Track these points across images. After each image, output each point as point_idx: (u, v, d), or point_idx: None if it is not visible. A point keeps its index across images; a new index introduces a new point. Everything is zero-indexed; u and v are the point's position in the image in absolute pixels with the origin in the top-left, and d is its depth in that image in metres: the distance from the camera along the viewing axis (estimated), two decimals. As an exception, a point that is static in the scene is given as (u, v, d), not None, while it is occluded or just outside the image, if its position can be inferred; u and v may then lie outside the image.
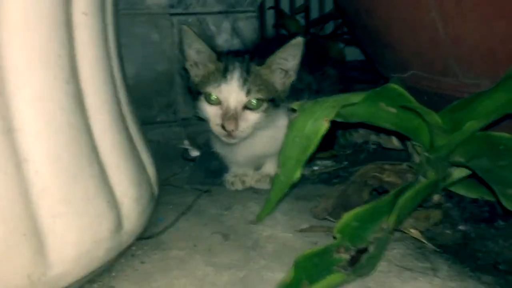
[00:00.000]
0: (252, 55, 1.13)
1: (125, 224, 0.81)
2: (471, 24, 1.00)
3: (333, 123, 0.87)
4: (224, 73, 1.09)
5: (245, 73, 1.08)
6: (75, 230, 0.71)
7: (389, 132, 1.23)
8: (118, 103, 0.85)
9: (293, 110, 0.94)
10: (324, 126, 0.88)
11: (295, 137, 0.91)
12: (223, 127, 1.06)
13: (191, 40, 1.12)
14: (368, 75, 2.05)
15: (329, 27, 2.35)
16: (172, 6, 1.56)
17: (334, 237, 0.81)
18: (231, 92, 1.07)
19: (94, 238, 0.73)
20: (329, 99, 0.90)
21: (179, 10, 1.57)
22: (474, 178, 1.01)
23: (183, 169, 1.42)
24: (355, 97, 0.89)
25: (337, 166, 1.38)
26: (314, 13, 2.36)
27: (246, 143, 1.17)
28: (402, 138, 1.24)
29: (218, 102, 1.08)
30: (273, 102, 1.11)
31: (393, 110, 0.95)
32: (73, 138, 0.72)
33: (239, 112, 1.07)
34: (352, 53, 2.32)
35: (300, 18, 2.31)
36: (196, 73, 1.16)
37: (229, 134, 1.07)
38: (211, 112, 1.10)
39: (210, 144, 1.31)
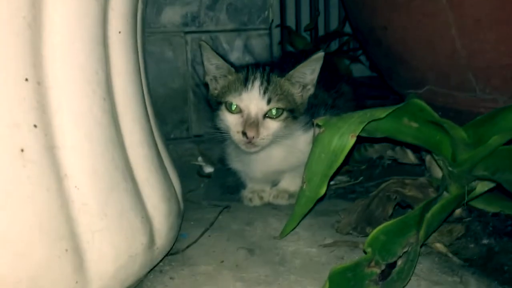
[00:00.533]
0: (272, 67, 1.15)
1: (156, 240, 0.81)
2: (490, 41, 1.02)
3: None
4: (245, 82, 1.11)
5: (266, 83, 1.10)
6: (112, 245, 0.71)
7: (409, 146, 1.24)
8: (147, 118, 0.86)
9: (318, 126, 0.95)
10: (351, 141, 0.89)
11: (320, 153, 0.92)
12: (244, 134, 1.08)
13: (209, 55, 1.15)
14: (376, 91, 2.08)
15: (334, 45, 2.39)
16: (186, 25, 1.58)
17: (364, 251, 0.82)
18: (252, 99, 1.09)
19: (130, 253, 0.74)
20: (354, 114, 0.92)
21: (193, 28, 1.59)
22: (496, 192, 1.03)
23: (198, 186, 1.42)
24: (381, 112, 0.90)
25: (353, 181, 1.38)
26: (320, 31, 2.39)
27: (263, 158, 1.18)
28: (419, 151, 1.26)
29: (239, 111, 1.10)
30: (293, 112, 1.13)
31: (415, 125, 0.96)
32: (109, 153, 0.73)
33: (260, 120, 1.09)
34: (357, 70, 2.35)
35: (306, 36, 2.34)
36: (215, 86, 1.18)
37: (250, 142, 1.08)
38: (232, 120, 1.11)
39: (226, 161, 1.32)
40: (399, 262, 0.83)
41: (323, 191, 0.93)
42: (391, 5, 1.16)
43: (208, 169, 1.54)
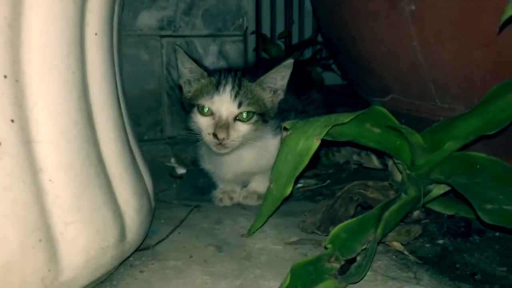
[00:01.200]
0: (244, 73, 1.20)
1: (128, 234, 0.84)
2: (449, 52, 1.08)
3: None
4: (217, 86, 1.16)
5: (237, 87, 1.15)
6: (84, 237, 0.74)
7: (373, 151, 1.30)
8: (121, 117, 0.90)
9: (285, 129, 1.00)
10: (316, 144, 0.94)
11: (287, 154, 0.97)
12: (215, 135, 1.12)
13: (183, 59, 1.20)
14: (346, 99, 2.15)
15: (308, 53, 2.45)
16: (162, 28, 1.61)
17: (326, 248, 0.87)
18: (224, 103, 1.14)
19: (101, 245, 0.77)
20: (320, 118, 0.97)
21: (168, 32, 1.62)
22: (452, 195, 1.09)
23: (170, 186, 1.46)
24: (344, 118, 0.95)
25: (320, 184, 1.44)
26: (294, 39, 2.45)
27: (233, 160, 1.22)
28: (383, 156, 1.32)
29: (210, 113, 1.15)
30: (263, 116, 1.17)
31: (377, 130, 1.02)
32: (83, 149, 0.76)
33: (230, 122, 1.13)
34: (330, 78, 2.42)
35: (281, 43, 2.40)
36: (188, 89, 1.23)
37: (220, 143, 1.13)
38: (203, 122, 1.16)
39: (198, 162, 1.36)
40: (358, 258, 0.88)
41: (289, 190, 0.98)
42: (358, 16, 1.22)
43: (181, 171, 1.58)
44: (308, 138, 0.95)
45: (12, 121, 0.67)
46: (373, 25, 1.21)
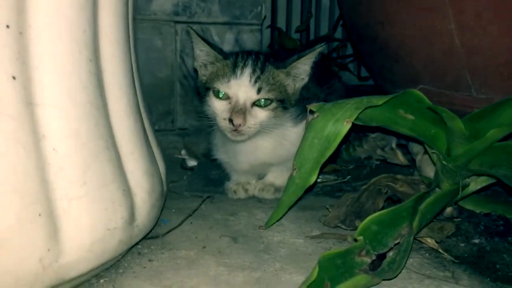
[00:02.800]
0: (267, 57, 1.12)
1: (137, 217, 0.76)
2: (490, 37, 1.00)
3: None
4: (233, 69, 1.07)
5: (259, 71, 1.07)
6: (90, 216, 0.66)
7: (407, 138, 1.21)
8: (134, 90, 0.82)
9: (311, 112, 0.92)
10: (346, 127, 0.86)
11: (313, 139, 0.89)
12: (230, 121, 1.03)
13: (196, 40, 1.12)
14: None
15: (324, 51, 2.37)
16: (177, 14, 1.54)
17: (355, 240, 0.78)
18: (241, 87, 1.05)
19: (108, 226, 0.69)
20: (350, 100, 0.89)
21: (184, 18, 1.55)
22: (486, 193, 1.01)
23: (181, 178, 1.38)
24: (378, 100, 0.87)
25: (340, 180, 1.35)
26: (310, 36, 2.37)
27: (250, 149, 1.14)
28: (408, 151, 1.23)
29: (226, 97, 1.07)
30: (283, 103, 1.09)
31: (411, 117, 0.94)
32: (92, 117, 0.68)
33: (248, 108, 1.05)
34: (345, 78, 2.34)
35: (297, 40, 2.32)
36: (204, 73, 1.15)
37: (236, 129, 1.04)
38: (219, 106, 1.07)
39: (211, 152, 1.27)
40: (391, 253, 0.79)
41: (313, 179, 0.90)
42: (389, -1, 1.14)
43: (192, 163, 1.50)
44: (338, 121, 0.87)
45: (14, 78, 0.59)
46: (404, 8, 1.13)
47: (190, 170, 1.45)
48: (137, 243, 0.88)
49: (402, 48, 1.19)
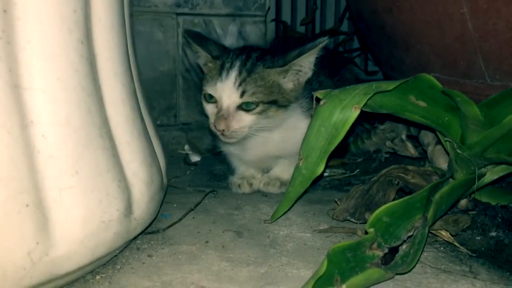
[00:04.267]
0: (262, 54, 1.06)
1: (135, 209, 0.72)
2: (505, 20, 0.95)
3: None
4: (220, 71, 1.03)
5: (246, 73, 1.01)
6: (82, 207, 0.62)
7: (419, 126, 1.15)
8: (131, 77, 0.78)
9: (318, 100, 0.87)
10: (354, 114, 0.81)
11: (320, 127, 0.84)
12: (214, 125, 1.01)
13: (190, 45, 1.12)
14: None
15: (330, 44, 2.32)
16: (178, 5, 1.50)
17: (366, 232, 0.74)
18: (225, 91, 1.01)
19: (103, 218, 0.65)
20: (359, 86, 0.84)
21: (185, 10, 1.51)
22: (501, 185, 0.96)
23: (184, 173, 1.34)
24: (387, 85, 0.82)
25: (348, 173, 1.31)
26: (315, 29, 2.32)
27: (258, 142, 1.09)
28: (419, 143, 1.19)
29: (215, 101, 1.03)
30: (275, 103, 1.04)
31: (423, 104, 0.89)
32: (84, 103, 0.64)
33: (231, 113, 1.01)
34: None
35: (302, 32, 2.27)
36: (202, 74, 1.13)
37: (222, 134, 1.01)
38: (208, 109, 1.05)
39: (217, 144, 1.23)
40: (404, 246, 0.75)
41: (321, 169, 0.85)
42: (398, -17, 1.09)
43: (195, 158, 1.46)
44: (345, 108, 0.82)
45: (-3, 58, 0.55)
46: (414, -8, 1.08)
47: (193, 166, 1.41)
48: (136, 238, 0.84)
49: (411, 35, 1.14)
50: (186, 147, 1.51)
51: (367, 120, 1.34)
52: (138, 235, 0.81)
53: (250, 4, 1.58)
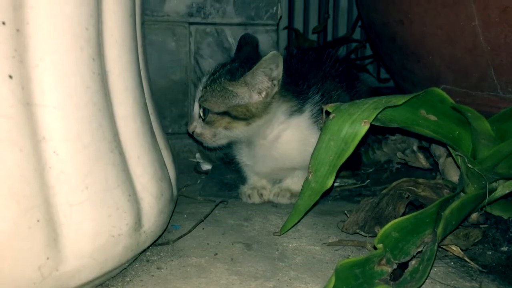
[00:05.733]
0: (233, 67, 1.10)
1: (144, 223, 0.72)
2: (517, 32, 0.94)
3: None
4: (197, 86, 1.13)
5: (209, 83, 1.09)
6: (92, 222, 0.63)
7: (429, 140, 1.15)
8: (142, 91, 0.79)
9: (327, 113, 0.88)
10: (364, 129, 0.81)
11: (330, 141, 0.84)
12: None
13: None
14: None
15: (342, 51, 2.32)
16: (191, 15, 1.51)
17: (375, 248, 0.74)
18: (196, 102, 1.11)
19: (112, 233, 0.65)
20: (368, 100, 0.84)
21: (198, 20, 1.52)
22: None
23: (195, 182, 1.35)
24: (398, 100, 0.82)
25: (359, 184, 1.30)
26: (328, 37, 2.32)
27: (269, 154, 1.10)
28: (431, 154, 1.18)
29: None
30: (236, 118, 1.07)
31: (433, 118, 0.89)
32: (95, 119, 0.65)
33: (196, 118, 1.10)
34: (365, 80, 2.28)
35: (314, 40, 2.27)
36: None
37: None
38: None
39: (231, 153, 1.23)
40: (413, 262, 0.74)
41: (330, 182, 0.85)
42: (409, -5, 1.09)
43: (206, 167, 1.46)
44: (355, 122, 0.82)
45: (10, 77, 0.56)
46: (425, 5, 1.08)
47: (204, 174, 1.41)
48: (146, 250, 0.85)
49: (423, 47, 1.14)
50: (197, 155, 1.52)
51: (380, 132, 1.33)
52: (148, 247, 0.81)
53: (262, 13, 1.59)
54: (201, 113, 1.08)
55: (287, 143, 1.11)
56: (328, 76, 1.20)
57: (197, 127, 1.10)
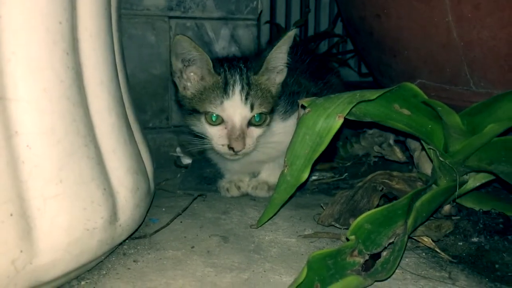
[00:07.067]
0: (247, 64, 1.05)
1: (120, 216, 0.73)
2: (489, 29, 0.96)
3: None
4: (225, 88, 0.99)
5: (247, 86, 1.00)
6: (67, 215, 0.63)
7: (402, 134, 1.17)
8: (117, 85, 0.79)
9: (303, 107, 0.89)
10: (338, 123, 0.82)
11: (305, 135, 0.85)
12: (231, 148, 0.99)
13: (186, 45, 0.98)
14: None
15: (324, 46, 2.33)
16: (170, 9, 1.50)
17: (347, 239, 0.75)
18: (236, 108, 0.99)
19: (87, 226, 0.66)
20: (343, 95, 0.85)
21: (177, 13, 1.52)
22: (486, 191, 0.98)
23: (175, 176, 1.35)
24: (371, 94, 0.84)
25: (337, 177, 1.32)
26: (309, 32, 2.33)
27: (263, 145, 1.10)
28: (407, 147, 1.20)
29: (221, 121, 1.00)
30: (272, 112, 1.06)
31: (407, 112, 0.90)
32: (69, 113, 0.65)
33: (245, 130, 1.00)
34: (346, 74, 2.29)
35: (295, 36, 2.28)
36: (187, 87, 1.05)
37: (236, 153, 1.01)
38: (214, 133, 1.01)
39: (205, 151, 1.24)
40: (385, 253, 0.76)
41: (305, 176, 0.86)
42: (385, -10, 1.10)
43: (186, 161, 1.47)
44: (329, 116, 0.83)
45: (-18, 71, 0.56)
46: (401, 0, 1.09)
47: (184, 168, 1.42)
48: (123, 243, 0.85)
49: (399, 42, 1.16)
50: (178, 149, 1.52)
51: (357, 127, 1.35)
52: (125, 240, 0.82)
53: (243, 8, 1.59)
54: (257, 120, 1.02)
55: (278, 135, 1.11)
56: (298, 70, 1.20)
57: (249, 142, 1.00)
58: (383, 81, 1.39)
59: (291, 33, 1.02)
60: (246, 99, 0.99)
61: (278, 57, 1.04)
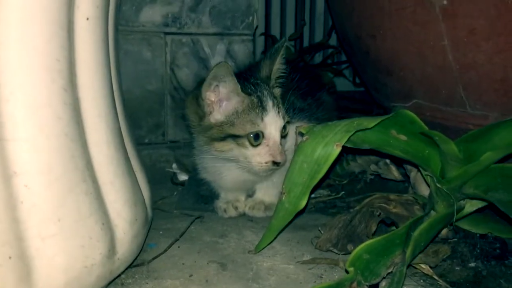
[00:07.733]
0: (261, 79, 1.08)
1: (118, 249, 0.73)
2: (484, 53, 0.97)
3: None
4: (261, 106, 1.00)
5: (274, 98, 1.03)
6: (65, 254, 0.63)
7: (396, 161, 1.18)
8: (115, 116, 0.79)
9: (301, 134, 0.89)
10: (336, 151, 0.83)
11: (303, 163, 0.86)
12: (275, 163, 1.00)
13: (225, 76, 0.97)
14: (359, 105, 2.04)
15: (318, 57, 2.34)
16: (166, 25, 1.50)
17: (346, 271, 0.75)
18: (275, 122, 1.00)
19: (85, 263, 0.66)
20: (341, 123, 0.86)
21: (173, 30, 1.52)
22: (484, 213, 0.98)
23: (171, 193, 1.35)
24: (368, 122, 0.84)
25: (334, 195, 1.32)
26: (304, 43, 2.34)
27: (233, 168, 1.09)
28: (403, 167, 1.20)
29: (261, 141, 1.00)
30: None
31: (404, 138, 0.91)
32: (68, 149, 0.65)
33: (282, 142, 1.02)
34: (341, 84, 2.30)
35: (290, 46, 2.28)
36: (211, 111, 1.03)
37: (278, 166, 1.01)
38: (256, 154, 1.00)
39: (198, 172, 1.24)
40: (383, 284, 0.77)
41: (303, 203, 0.86)
42: (381, 12, 1.11)
43: (183, 177, 1.47)
44: (327, 145, 0.83)
45: (-19, 114, 0.56)
46: (397, 22, 1.10)
47: (180, 185, 1.42)
48: (121, 273, 0.85)
49: (395, 63, 1.16)
50: (174, 165, 1.52)
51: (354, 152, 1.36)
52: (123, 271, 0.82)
53: (238, 23, 1.59)
54: (283, 131, 1.03)
55: None
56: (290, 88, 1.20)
57: (283, 152, 1.01)
58: (378, 98, 1.40)
59: (280, 43, 1.06)
60: (278, 112, 1.02)
61: (279, 68, 1.08)
